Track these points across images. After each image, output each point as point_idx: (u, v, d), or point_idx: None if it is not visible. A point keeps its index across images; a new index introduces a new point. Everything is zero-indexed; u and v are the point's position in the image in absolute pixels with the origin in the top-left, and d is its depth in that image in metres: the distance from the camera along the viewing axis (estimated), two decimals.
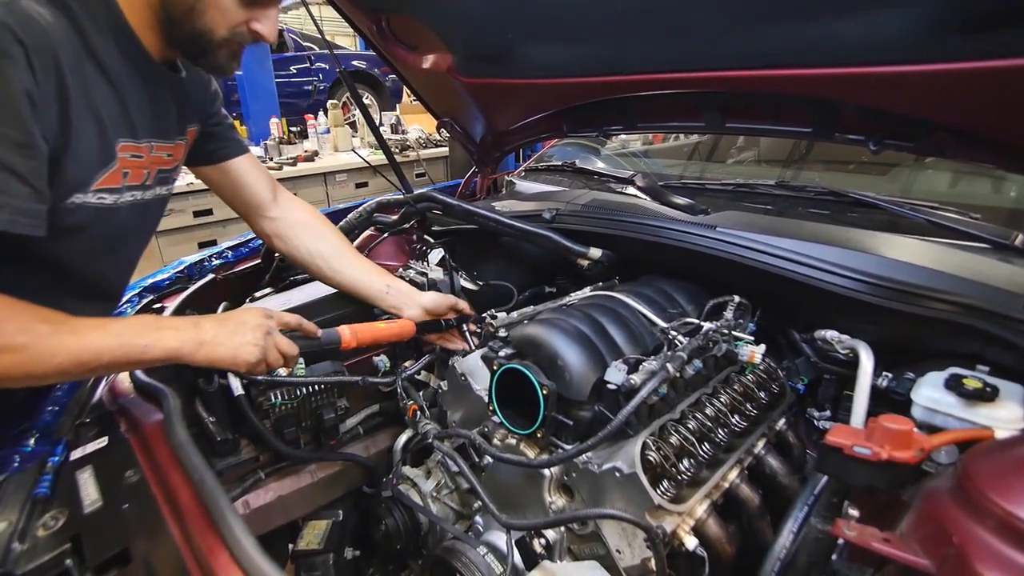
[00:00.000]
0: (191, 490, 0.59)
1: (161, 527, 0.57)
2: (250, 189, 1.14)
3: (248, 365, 0.84)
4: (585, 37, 1.17)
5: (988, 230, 0.94)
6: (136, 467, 0.67)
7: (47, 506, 0.63)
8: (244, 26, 0.86)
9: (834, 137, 1.02)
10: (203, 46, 0.85)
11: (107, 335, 0.73)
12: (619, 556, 0.81)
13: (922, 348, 0.90)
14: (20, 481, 0.67)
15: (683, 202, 1.24)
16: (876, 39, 0.83)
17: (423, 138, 5.05)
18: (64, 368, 0.69)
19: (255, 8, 0.85)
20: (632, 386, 0.82)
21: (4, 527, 0.60)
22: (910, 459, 0.63)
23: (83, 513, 0.62)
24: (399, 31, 1.42)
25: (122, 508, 0.61)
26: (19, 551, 0.57)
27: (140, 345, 0.75)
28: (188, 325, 0.81)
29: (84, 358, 0.70)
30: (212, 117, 1.08)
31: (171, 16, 0.83)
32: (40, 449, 0.73)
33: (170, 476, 0.62)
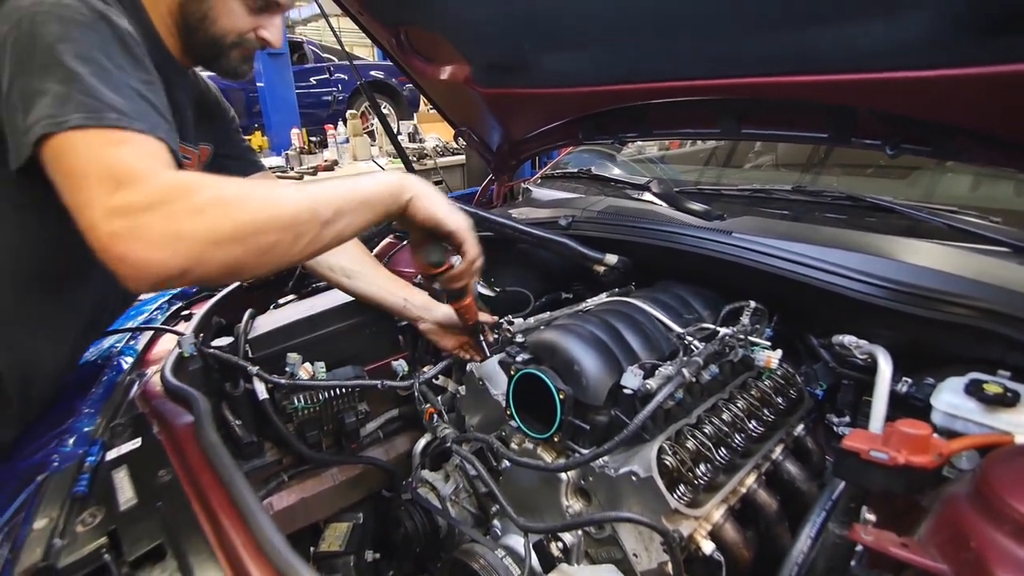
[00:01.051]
0: (222, 489, 0.61)
1: (193, 524, 0.60)
2: None
3: (461, 226, 0.85)
4: (600, 46, 1.19)
5: (1008, 234, 0.93)
6: (168, 467, 0.70)
7: (85, 504, 0.67)
8: (252, 33, 0.93)
9: (851, 142, 1.02)
10: (216, 51, 0.93)
11: (336, 181, 0.75)
12: (636, 560, 0.82)
13: (942, 353, 0.89)
14: (60, 480, 0.71)
15: (699, 208, 1.24)
16: (892, 44, 0.83)
17: (440, 146, 5.11)
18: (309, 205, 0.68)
19: (262, 16, 0.93)
20: (648, 391, 0.83)
21: (46, 523, 0.63)
22: (927, 464, 0.63)
23: (119, 511, 0.65)
24: (417, 43, 1.45)
25: (156, 506, 0.64)
26: (60, 546, 0.60)
27: (373, 180, 0.76)
28: (405, 174, 0.83)
29: (325, 195, 0.71)
30: (228, 141, 1.14)
31: (187, 23, 0.90)
32: (78, 449, 0.77)
33: (201, 476, 0.65)
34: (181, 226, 0.60)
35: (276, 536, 0.53)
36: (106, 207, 0.60)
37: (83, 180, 0.62)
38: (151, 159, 0.66)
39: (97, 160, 0.62)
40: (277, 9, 0.94)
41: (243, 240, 0.64)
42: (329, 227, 0.72)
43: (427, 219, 0.83)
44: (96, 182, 0.61)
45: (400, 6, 1.32)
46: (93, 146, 0.63)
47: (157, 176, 0.63)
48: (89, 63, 0.66)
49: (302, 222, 0.68)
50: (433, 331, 1.21)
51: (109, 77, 0.67)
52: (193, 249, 0.61)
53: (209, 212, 0.62)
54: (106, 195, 0.60)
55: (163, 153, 0.68)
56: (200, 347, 1.02)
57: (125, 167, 0.62)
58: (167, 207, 0.61)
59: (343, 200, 0.73)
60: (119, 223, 0.59)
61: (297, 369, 1.06)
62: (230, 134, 1.15)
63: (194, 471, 0.66)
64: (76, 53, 0.66)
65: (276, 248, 0.67)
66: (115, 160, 0.62)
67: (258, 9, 0.91)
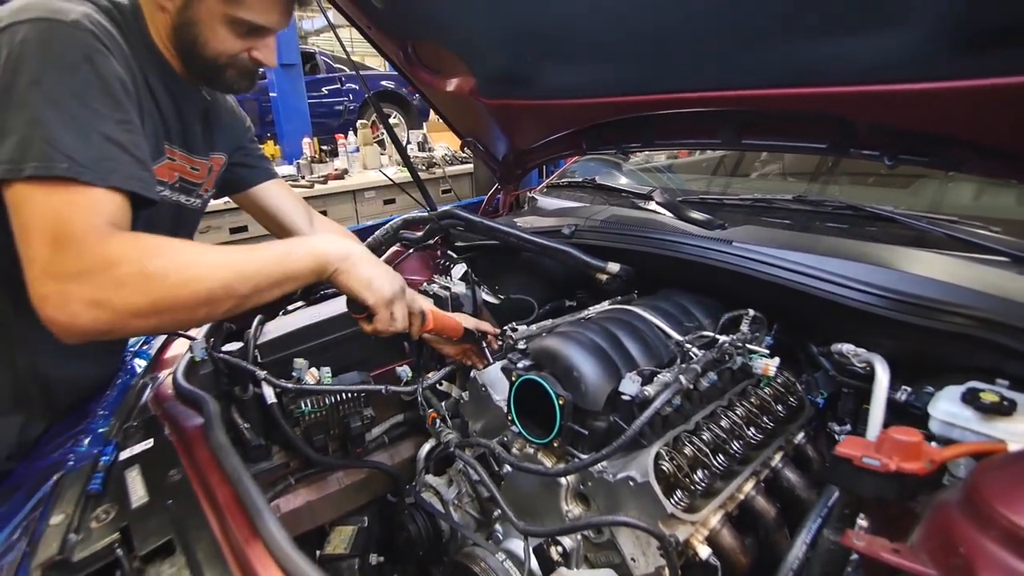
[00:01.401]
0: (229, 489, 0.64)
1: (202, 522, 0.62)
2: (282, 212, 1.23)
3: (379, 298, 0.89)
4: (602, 59, 1.21)
5: (1007, 243, 0.94)
6: (179, 467, 0.72)
7: (99, 501, 0.69)
8: (245, 54, 0.96)
9: (849, 152, 1.03)
10: (212, 71, 0.96)
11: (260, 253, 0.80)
12: (634, 564, 0.83)
13: (941, 362, 0.90)
14: (75, 478, 0.74)
15: (701, 217, 1.26)
16: (885, 58, 0.84)
17: (449, 155, 5.16)
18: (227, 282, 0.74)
19: (252, 38, 0.95)
20: (646, 397, 0.85)
21: (62, 519, 0.66)
22: (919, 470, 0.64)
23: (131, 508, 0.67)
24: (424, 56, 1.49)
25: (166, 504, 0.67)
26: (75, 541, 0.63)
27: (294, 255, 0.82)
28: (340, 241, 0.88)
29: (246, 270, 0.76)
30: (242, 149, 1.18)
31: (181, 47, 0.94)
32: (93, 449, 0.80)
33: (210, 476, 0.67)
34: (103, 296, 0.68)
35: (280, 533, 0.56)
36: (43, 268, 0.68)
37: (29, 235, 0.68)
38: (91, 216, 0.70)
39: (41, 216, 0.68)
40: (266, 32, 0.96)
41: (159, 313, 0.71)
42: (249, 299, 0.79)
43: (348, 291, 0.89)
44: (38, 240, 0.68)
45: (408, 21, 1.36)
46: (41, 200, 0.69)
47: (89, 242, 0.68)
48: (58, 108, 0.71)
49: (218, 298, 0.75)
50: (435, 338, 1.23)
51: (75, 124, 0.71)
52: (113, 318, 0.69)
53: (129, 286, 0.69)
54: (45, 256, 0.67)
55: (108, 205, 0.73)
56: (211, 351, 1.05)
57: (64, 228, 0.68)
58: (92, 277, 0.67)
59: (266, 274, 0.79)
60: (51, 287, 0.67)
61: (304, 374, 1.09)
62: (245, 143, 1.19)
63: (203, 471, 0.69)
64: (49, 97, 0.70)
65: (192, 319, 0.76)
66: (56, 219, 0.68)
67: (247, 32, 0.94)
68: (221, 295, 0.74)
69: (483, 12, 1.20)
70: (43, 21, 0.72)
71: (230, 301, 0.76)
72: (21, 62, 0.70)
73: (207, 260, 0.75)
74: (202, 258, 0.75)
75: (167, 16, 0.91)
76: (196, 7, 0.89)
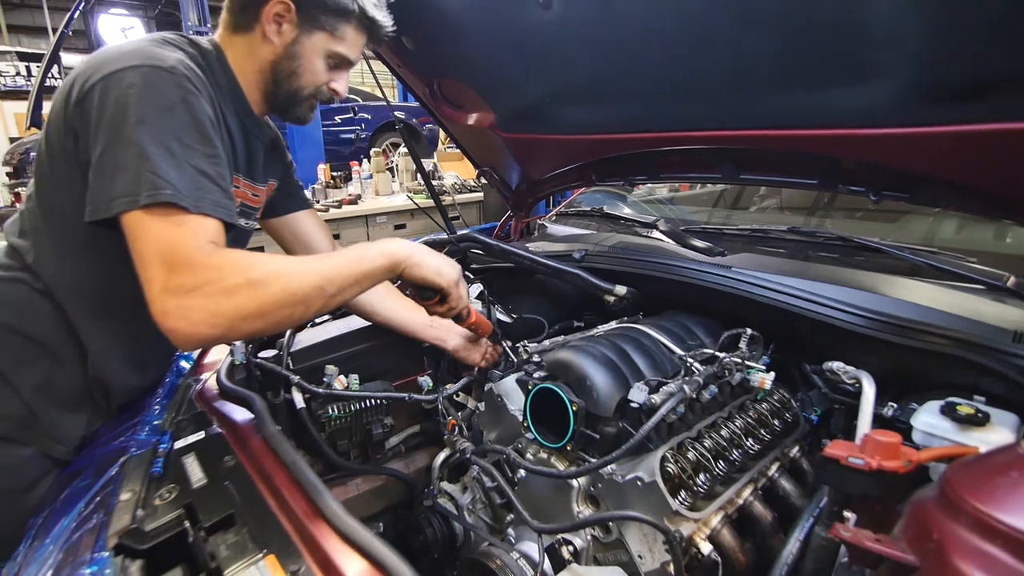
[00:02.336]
0: (284, 471, 0.71)
1: (259, 500, 0.69)
2: (312, 240, 1.33)
3: (449, 281, 1.01)
4: (613, 100, 1.33)
5: (982, 273, 1.03)
6: (232, 454, 0.80)
7: (161, 482, 0.77)
8: (325, 85, 1.10)
9: (838, 188, 1.13)
10: (293, 101, 1.10)
11: (339, 257, 0.91)
12: (640, 561, 0.89)
13: (923, 379, 0.98)
14: (138, 462, 0.81)
15: (702, 245, 1.35)
16: (867, 105, 0.95)
17: (458, 184, 5.32)
18: (317, 285, 0.84)
19: (335, 72, 1.10)
20: (653, 405, 0.92)
21: (130, 496, 0.73)
22: (898, 468, 0.72)
23: (192, 488, 0.75)
24: (448, 92, 1.61)
25: (224, 484, 0.74)
26: (142, 515, 0.70)
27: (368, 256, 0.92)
28: (400, 241, 0.99)
29: (330, 274, 0.86)
30: (286, 179, 1.30)
31: (276, 77, 1.06)
32: (151, 438, 0.88)
33: (263, 461, 0.75)
34: (217, 305, 0.78)
35: (340, 507, 0.63)
36: (162, 287, 0.77)
37: (146, 260, 0.79)
38: (195, 239, 0.81)
39: (155, 242, 0.79)
40: (348, 65, 1.11)
41: (264, 316, 0.81)
42: (335, 298, 0.89)
43: (420, 280, 1.00)
44: (154, 263, 0.78)
45: (435, 61, 1.49)
46: (153, 228, 0.80)
47: (198, 261, 0.79)
48: (159, 144, 0.82)
49: (311, 298, 0.85)
50: (460, 347, 1.33)
51: (173, 158, 0.82)
52: (226, 324, 0.79)
53: (239, 294, 0.79)
54: (162, 276, 0.78)
55: (208, 229, 0.84)
56: (249, 356, 1.13)
57: (175, 251, 0.79)
58: (205, 290, 0.78)
59: (347, 275, 0.90)
60: (171, 302, 0.77)
61: (333, 380, 1.17)
62: (289, 174, 1.32)
63: (257, 457, 0.76)
64: (152, 135, 0.81)
65: (290, 318, 0.85)
66: (168, 244, 0.79)
67: (334, 66, 1.08)
68: (313, 296, 0.85)
69: (505, 56, 1.32)
70: (146, 67, 0.84)
71: (320, 301, 0.86)
72: (128, 104, 0.82)
73: (297, 267, 0.86)
74: (292, 266, 0.86)
75: (271, 48, 1.04)
76: (304, 42, 1.03)
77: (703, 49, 1.04)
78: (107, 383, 1.05)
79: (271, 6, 1.00)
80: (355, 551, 0.59)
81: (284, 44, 1.03)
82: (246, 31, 1.03)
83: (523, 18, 1.16)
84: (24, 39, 15.40)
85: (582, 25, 1.13)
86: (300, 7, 1.01)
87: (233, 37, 1.05)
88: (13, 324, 0.97)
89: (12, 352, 0.97)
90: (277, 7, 1.00)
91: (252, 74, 1.06)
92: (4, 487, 0.96)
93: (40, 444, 0.99)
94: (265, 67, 1.05)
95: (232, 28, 1.04)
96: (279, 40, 1.03)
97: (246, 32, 1.03)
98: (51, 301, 0.97)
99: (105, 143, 0.82)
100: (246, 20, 1.02)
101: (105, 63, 0.86)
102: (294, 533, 0.63)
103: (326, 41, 1.04)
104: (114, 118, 0.82)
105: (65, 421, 1.01)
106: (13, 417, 0.96)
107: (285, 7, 1.00)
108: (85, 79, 0.86)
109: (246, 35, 1.03)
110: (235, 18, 1.03)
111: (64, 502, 0.82)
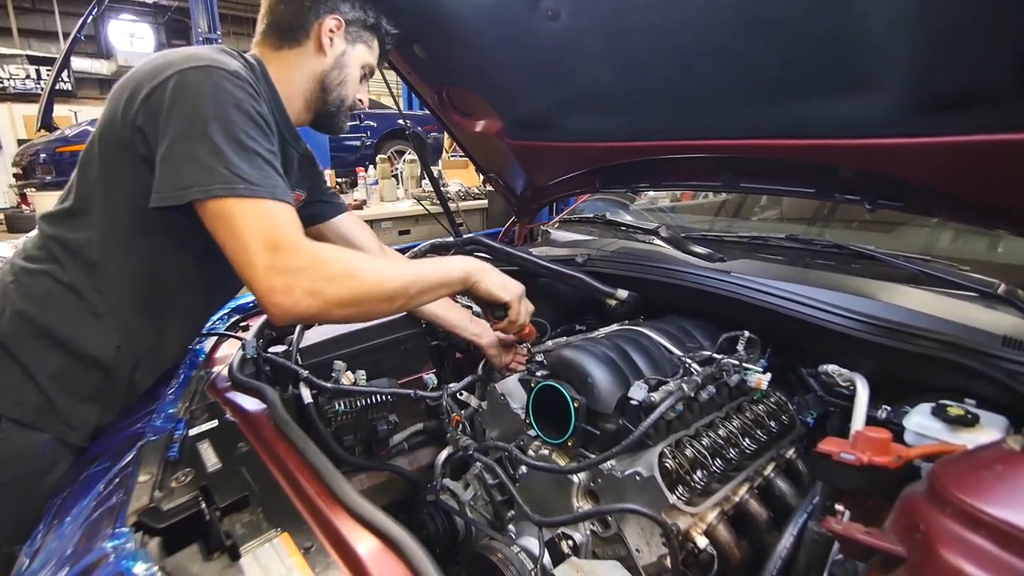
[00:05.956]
0: (297, 457, 0.74)
1: (273, 483, 0.72)
2: (358, 240, 1.40)
3: (513, 295, 1.12)
4: (617, 109, 1.37)
5: (974, 280, 1.06)
6: (245, 441, 0.83)
7: (177, 466, 0.79)
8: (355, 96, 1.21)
9: (834, 197, 1.17)
10: (338, 109, 1.19)
11: (422, 265, 1.02)
12: (638, 555, 0.91)
13: (915, 382, 1.00)
14: (155, 446, 0.84)
15: (702, 251, 1.39)
16: (862, 116, 0.99)
17: (462, 191, 5.38)
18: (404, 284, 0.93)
19: (362, 84, 1.21)
20: (652, 402, 0.95)
21: (148, 478, 0.76)
22: (888, 464, 0.74)
23: (207, 472, 0.78)
24: (456, 100, 1.66)
25: (238, 469, 0.77)
26: (160, 496, 0.72)
27: (447, 267, 1.03)
28: (472, 259, 1.10)
29: (414, 277, 0.96)
30: (319, 187, 1.37)
31: (326, 86, 1.16)
32: (167, 425, 0.91)
33: (276, 447, 0.78)
34: (318, 288, 0.85)
35: (351, 488, 0.66)
36: (267, 265, 0.84)
37: (246, 242, 0.85)
38: (288, 224, 0.89)
39: (252, 226, 0.85)
40: (371, 75, 1.24)
41: (356, 304, 0.89)
42: (413, 300, 0.99)
43: (487, 295, 1.11)
44: (255, 244, 0.84)
45: (444, 69, 1.53)
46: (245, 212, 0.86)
47: (301, 245, 0.87)
48: (231, 141, 0.88)
49: (397, 295, 0.94)
50: (493, 347, 1.39)
51: (245, 153, 0.89)
52: (323, 306, 0.86)
53: (338, 281, 0.87)
54: (266, 257, 0.84)
55: (291, 214, 0.91)
56: (260, 351, 1.16)
57: (277, 235, 0.86)
58: (309, 272, 0.85)
59: (427, 282, 0.99)
60: (278, 279, 0.83)
61: (341, 376, 1.20)
62: (320, 182, 1.39)
63: (270, 444, 0.79)
64: (223, 131, 0.87)
65: (376, 311, 0.95)
66: (266, 227, 0.86)
67: (361, 77, 1.20)
68: (399, 294, 0.93)
69: (513, 65, 1.37)
70: (214, 68, 0.90)
71: (402, 299, 0.95)
72: (200, 100, 0.88)
73: (388, 266, 0.96)
74: (384, 264, 0.96)
75: (323, 60, 1.13)
76: (350, 53, 1.15)
77: (705, 61, 1.08)
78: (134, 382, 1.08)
79: (326, 22, 1.11)
80: (366, 528, 0.62)
81: (335, 56, 1.14)
82: (293, 45, 1.12)
83: (532, 29, 1.20)
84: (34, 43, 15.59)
85: (588, 37, 1.17)
86: (348, 23, 1.13)
87: (277, 52, 1.13)
88: (34, 316, 1.00)
89: (31, 342, 1.00)
90: (331, 23, 1.11)
91: (299, 84, 1.14)
92: (22, 472, 0.99)
93: (56, 430, 1.02)
94: (317, 76, 1.14)
95: (275, 44, 1.13)
96: (331, 52, 1.13)
97: (293, 46, 1.12)
98: (75, 294, 1.01)
99: (176, 135, 0.87)
100: (294, 36, 1.12)
101: (171, 64, 0.92)
102: (307, 513, 0.65)
103: (364, 53, 1.17)
104: (186, 112, 0.87)
105: (80, 409, 1.04)
106: (31, 404, 0.99)
107: (338, 23, 1.12)
108: (152, 78, 0.91)
109: (294, 49, 1.12)
110: (280, 34, 1.12)
111: (83, 484, 0.85)
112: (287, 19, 1.11)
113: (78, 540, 0.69)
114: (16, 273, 1.03)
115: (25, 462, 0.99)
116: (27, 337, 1.00)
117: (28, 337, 1.00)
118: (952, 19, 0.81)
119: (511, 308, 1.13)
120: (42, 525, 0.81)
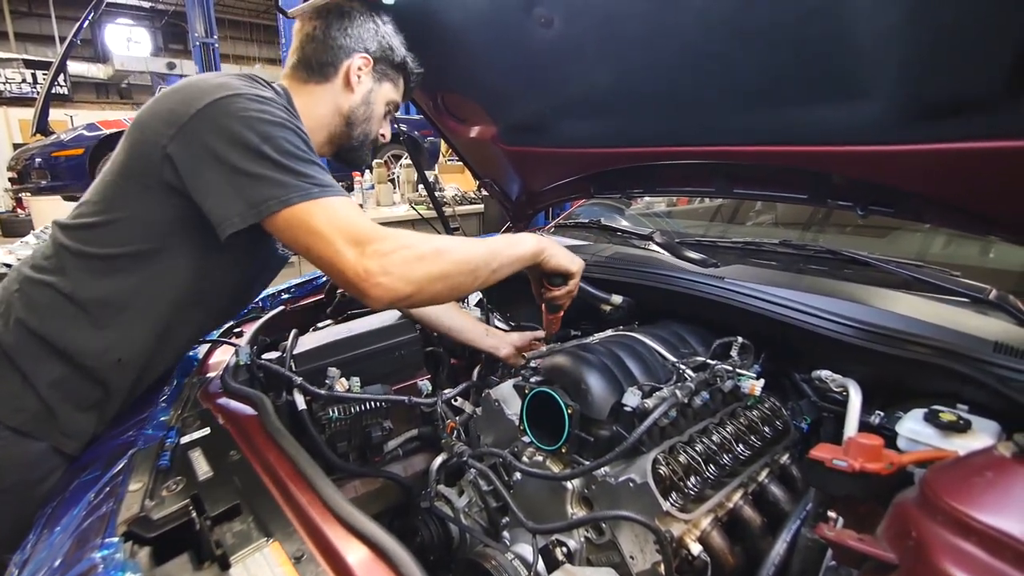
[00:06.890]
0: (288, 464, 0.73)
1: (264, 492, 0.72)
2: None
3: (580, 267, 1.16)
4: (611, 115, 1.38)
5: (966, 286, 1.06)
6: (236, 449, 0.82)
7: (168, 475, 0.79)
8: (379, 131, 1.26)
9: (826, 203, 1.17)
10: (361, 144, 1.24)
11: (495, 241, 1.05)
12: (632, 562, 0.91)
13: (908, 387, 1.01)
14: (146, 455, 0.84)
15: (696, 256, 1.39)
16: (853, 123, 1.00)
17: (459, 195, 5.38)
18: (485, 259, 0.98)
19: (384, 120, 1.28)
20: (646, 409, 0.95)
21: (139, 487, 0.75)
22: (880, 470, 0.74)
23: (198, 480, 0.77)
24: (451, 106, 1.66)
25: (229, 478, 0.76)
26: (151, 505, 0.72)
27: (520, 243, 1.06)
28: (535, 235, 1.13)
29: (492, 252, 1.00)
30: None
31: (352, 121, 1.21)
32: (158, 433, 0.90)
33: (268, 455, 0.77)
34: (411, 267, 0.90)
35: (339, 495, 0.65)
36: (359, 254, 0.88)
37: (331, 239, 0.89)
38: (365, 218, 0.94)
39: (333, 224, 0.90)
40: (395, 110, 1.30)
41: (446, 278, 0.94)
42: (494, 273, 1.02)
43: (556, 267, 1.14)
44: (340, 240, 0.89)
45: (439, 75, 1.53)
46: (323, 213, 0.90)
47: (382, 234, 0.91)
48: (288, 155, 0.92)
49: (480, 268, 0.99)
50: (512, 356, 1.40)
51: (303, 163, 0.93)
52: (418, 283, 0.91)
53: (428, 259, 0.92)
54: (354, 250, 0.88)
55: (360, 209, 0.95)
56: (254, 357, 1.16)
57: (358, 227, 0.90)
58: (402, 253, 0.90)
59: (507, 255, 1.04)
60: (373, 264, 0.88)
61: (335, 382, 1.19)
62: None
63: (261, 452, 0.79)
64: (278, 148, 0.92)
65: (462, 285, 0.99)
66: (347, 222, 0.90)
67: (386, 112, 1.26)
68: (481, 267, 0.99)
69: (507, 71, 1.37)
70: (254, 96, 0.95)
71: (485, 273, 1.00)
72: (250, 124, 0.91)
73: (467, 243, 1.00)
74: (462, 242, 1.00)
75: (350, 96, 1.18)
76: (377, 91, 1.21)
77: (697, 68, 1.08)
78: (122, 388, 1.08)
79: (355, 60, 1.16)
80: (356, 537, 0.61)
81: (362, 93, 1.19)
82: (321, 81, 1.16)
83: (525, 36, 1.21)
84: (30, 47, 15.57)
85: (582, 43, 1.18)
86: (375, 61, 1.18)
87: (305, 85, 1.16)
88: (35, 327, 1.00)
89: (32, 351, 1.01)
90: (359, 61, 1.16)
91: (324, 117, 1.18)
92: (18, 480, 0.99)
93: (54, 439, 1.02)
94: (343, 112, 1.19)
95: (303, 78, 1.16)
96: (359, 90, 1.18)
97: (321, 82, 1.16)
98: (75, 306, 1.01)
99: (234, 161, 0.90)
100: (323, 72, 1.16)
101: (204, 93, 0.94)
102: (298, 522, 0.65)
103: (390, 90, 1.23)
104: (236, 139, 0.90)
105: (79, 419, 1.04)
106: (30, 411, 1.00)
107: (366, 61, 1.17)
108: (188, 106, 0.93)
109: (322, 84, 1.16)
110: (309, 70, 1.16)
111: (73, 493, 0.85)
112: (317, 56, 1.15)
113: (67, 550, 0.68)
114: (21, 282, 1.04)
115: (22, 470, 0.99)
116: (29, 346, 1.00)
117: (30, 346, 1.00)
118: (942, 27, 0.82)
119: (572, 279, 1.17)
120: (32, 534, 0.81)
